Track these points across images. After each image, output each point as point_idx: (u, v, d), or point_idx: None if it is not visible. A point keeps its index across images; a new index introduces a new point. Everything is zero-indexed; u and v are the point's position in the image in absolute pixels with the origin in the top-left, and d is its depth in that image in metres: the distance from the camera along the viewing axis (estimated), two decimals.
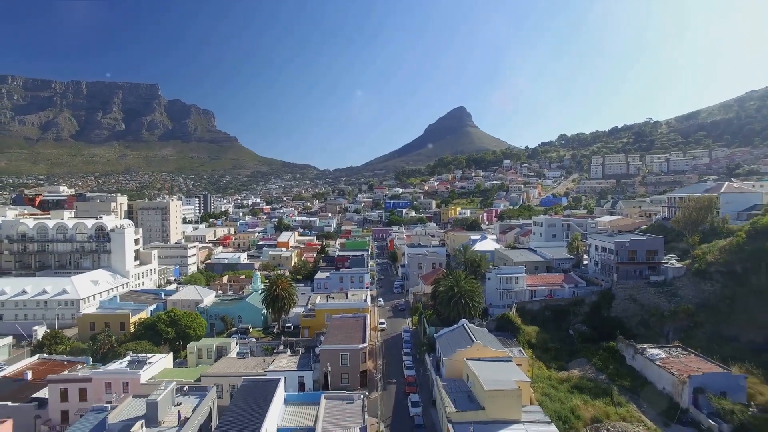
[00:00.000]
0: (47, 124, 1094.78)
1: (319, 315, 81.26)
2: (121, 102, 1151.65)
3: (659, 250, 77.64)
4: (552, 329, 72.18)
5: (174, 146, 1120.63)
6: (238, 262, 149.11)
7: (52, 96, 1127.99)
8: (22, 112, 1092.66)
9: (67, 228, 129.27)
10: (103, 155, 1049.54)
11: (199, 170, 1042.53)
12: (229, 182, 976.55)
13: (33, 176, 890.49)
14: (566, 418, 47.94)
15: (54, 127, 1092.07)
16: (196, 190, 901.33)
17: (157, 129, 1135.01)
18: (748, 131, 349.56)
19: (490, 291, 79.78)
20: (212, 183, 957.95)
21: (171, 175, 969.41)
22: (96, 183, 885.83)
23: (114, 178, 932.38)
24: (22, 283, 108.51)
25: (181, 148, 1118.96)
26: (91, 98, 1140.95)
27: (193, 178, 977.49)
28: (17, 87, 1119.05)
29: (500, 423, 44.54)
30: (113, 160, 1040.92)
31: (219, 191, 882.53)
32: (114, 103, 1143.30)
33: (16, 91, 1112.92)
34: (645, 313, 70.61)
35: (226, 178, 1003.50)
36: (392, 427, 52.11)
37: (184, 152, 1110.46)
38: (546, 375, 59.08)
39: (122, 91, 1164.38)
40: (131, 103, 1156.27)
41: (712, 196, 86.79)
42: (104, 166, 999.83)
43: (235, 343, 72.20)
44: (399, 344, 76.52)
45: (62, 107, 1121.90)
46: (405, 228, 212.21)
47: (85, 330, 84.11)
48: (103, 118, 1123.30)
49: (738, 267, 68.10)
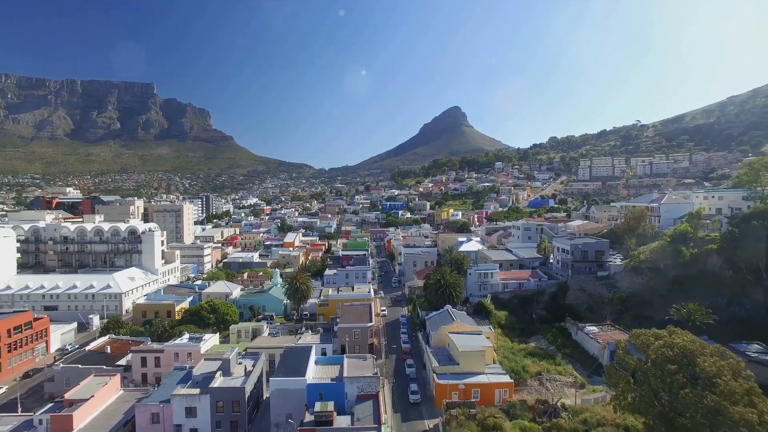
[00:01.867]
0: (42, 122, 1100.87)
1: (331, 304, 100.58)
2: (116, 101, 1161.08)
3: (605, 251, 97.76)
4: (519, 313, 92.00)
5: (170, 145, 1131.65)
6: (252, 261, 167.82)
7: (47, 94, 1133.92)
8: (16, 110, 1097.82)
9: (103, 231, 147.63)
10: (99, 154, 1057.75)
11: (196, 169, 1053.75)
12: (226, 181, 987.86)
13: (29, 175, 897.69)
14: (518, 371, 67.70)
15: (49, 125, 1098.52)
16: (192, 189, 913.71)
17: (152, 128, 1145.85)
18: (726, 136, 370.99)
19: (470, 283, 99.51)
20: (209, 182, 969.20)
21: (167, 175, 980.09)
22: (93, 182, 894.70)
23: (110, 177, 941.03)
24: (72, 279, 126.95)
25: (177, 147, 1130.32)
26: (86, 97, 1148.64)
27: (189, 177, 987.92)
28: (11, 85, 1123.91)
29: (469, 374, 64.26)
30: (109, 159, 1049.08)
31: (216, 190, 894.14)
32: (109, 102, 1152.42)
33: (9, 90, 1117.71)
34: (591, 301, 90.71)
35: (222, 177, 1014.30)
36: (394, 381, 71.61)
37: (180, 151, 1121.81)
38: (509, 346, 78.83)
39: (117, 89, 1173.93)
40: (127, 102, 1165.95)
41: (644, 207, 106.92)
42: (100, 165, 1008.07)
43: (266, 326, 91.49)
44: (397, 327, 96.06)
45: (57, 106, 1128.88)
46: (401, 229, 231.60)
47: (138, 317, 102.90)
48: (98, 117, 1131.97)
49: (661, 264, 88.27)
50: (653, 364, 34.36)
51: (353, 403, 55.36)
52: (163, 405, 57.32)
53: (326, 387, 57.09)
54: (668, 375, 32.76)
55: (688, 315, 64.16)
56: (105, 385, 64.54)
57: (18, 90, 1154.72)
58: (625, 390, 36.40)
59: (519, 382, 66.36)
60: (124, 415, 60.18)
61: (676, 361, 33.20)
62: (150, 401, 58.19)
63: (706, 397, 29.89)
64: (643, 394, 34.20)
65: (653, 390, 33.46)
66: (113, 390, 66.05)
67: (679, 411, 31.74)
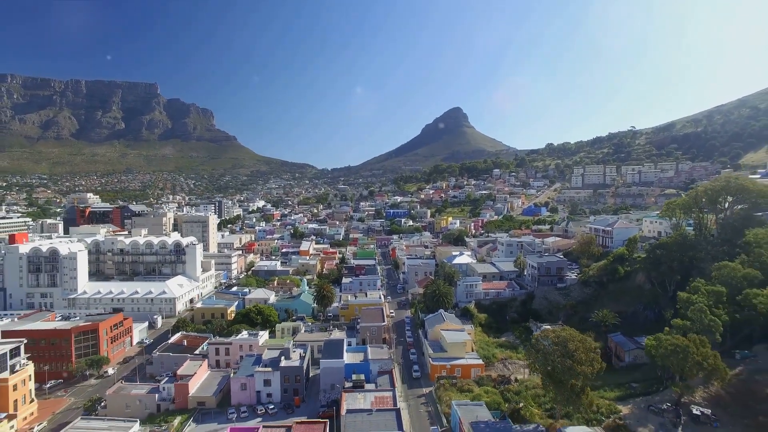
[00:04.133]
0: (47, 122, 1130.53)
1: (351, 308, 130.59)
2: (120, 101, 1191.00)
3: (564, 267, 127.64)
4: (496, 316, 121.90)
5: (174, 145, 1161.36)
6: (276, 269, 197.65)
7: (52, 95, 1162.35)
8: (22, 111, 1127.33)
9: (153, 244, 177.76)
10: (104, 154, 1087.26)
11: (199, 169, 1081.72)
12: (230, 182, 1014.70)
13: (36, 175, 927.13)
14: (488, 357, 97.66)
15: (54, 125, 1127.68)
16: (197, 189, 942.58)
17: (156, 128, 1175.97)
18: (709, 146, 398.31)
19: (459, 292, 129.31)
20: (213, 182, 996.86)
21: (172, 175, 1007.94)
22: (99, 182, 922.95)
23: (116, 178, 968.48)
24: (134, 286, 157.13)
25: (181, 147, 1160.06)
26: (90, 97, 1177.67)
27: (193, 177, 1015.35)
28: (17, 86, 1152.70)
29: (454, 358, 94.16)
30: (114, 159, 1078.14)
31: (220, 191, 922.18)
32: (113, 102, 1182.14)
33: (15, 90, 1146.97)
34: (551, 306, 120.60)
35: (226, 178, 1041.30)
36: (402, 363, 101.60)
37: (183, 151, 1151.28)
38: (485, 340, 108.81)
39: (121, 90, 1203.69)
40: (130, 102, 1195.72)
41: (592, 235, 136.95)
42: (105, 166, 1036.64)
43: (303, 325, 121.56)
44: (403, 325, 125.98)
45: (62, 106, 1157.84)
46: (404, 237, 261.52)
47: (198, 318, 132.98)
48: (102, 117, 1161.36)
49: (604, 278, 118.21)
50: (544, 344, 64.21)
51: (376, 377, 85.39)
52: (248, 378, 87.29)
53: (357, 366, 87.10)
54: (552, 351, 62.30)
55: (602, 318, 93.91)
56: (200, 366, 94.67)
57: (23, 90, 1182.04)
58: (534, 360, 66.19)
59: (488, 364, 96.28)
60: (218, 386, 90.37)
61: (558, 343, 62.66)
62: (239, 375, 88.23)
63: (566, 361, 59.28)
64: (541, 361, 63.87)
65: (545, 358, 63.13)
66: (205, 370, 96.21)
67: (557, 370, 61.30)
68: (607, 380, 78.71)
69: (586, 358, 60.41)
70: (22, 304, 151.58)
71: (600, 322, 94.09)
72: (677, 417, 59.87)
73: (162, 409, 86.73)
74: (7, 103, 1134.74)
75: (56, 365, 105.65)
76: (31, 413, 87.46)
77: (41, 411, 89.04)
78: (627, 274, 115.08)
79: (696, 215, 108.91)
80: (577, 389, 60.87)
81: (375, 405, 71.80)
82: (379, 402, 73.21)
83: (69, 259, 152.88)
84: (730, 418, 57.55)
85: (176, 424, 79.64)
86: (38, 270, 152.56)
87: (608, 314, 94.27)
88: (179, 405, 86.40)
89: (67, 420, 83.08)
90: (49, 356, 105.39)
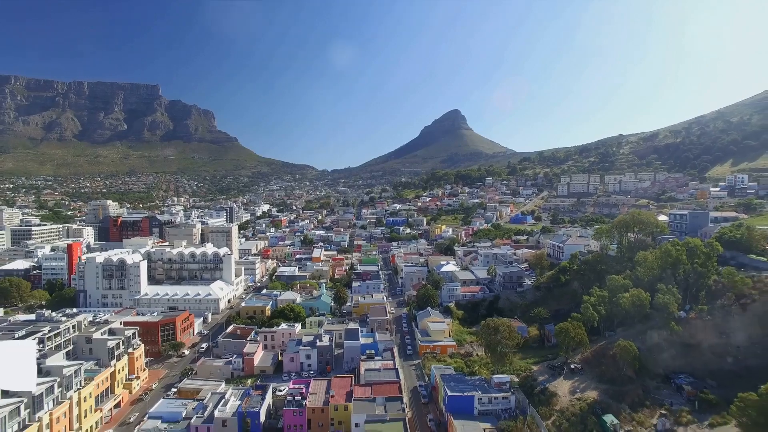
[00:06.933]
0: (50, 124, 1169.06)
1: (361, 306, 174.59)
2: (122, 102, 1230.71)
3: (523, 275, 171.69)
4: (470, 312, 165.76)
5: (175, 146, 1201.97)
6: (295, 274, 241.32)
7: (55, 96, 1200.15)
8: (25, 112, 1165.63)
9: (196, 254, 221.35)
10: (107, 155, 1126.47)
11: (201, 170, 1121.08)
12: (232, 183, 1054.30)
13: (41, 177, 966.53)
14: (461, 341, 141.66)
15: (57, 127, 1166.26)
16: (200, 191, 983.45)
17: (158, 129, 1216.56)
18: (684, 158, 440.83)
19: (444, 294, 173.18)
20: (215, 184, 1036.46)
21: (174, 176, 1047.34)
22: (103, 184, 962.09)
23: (120, 179, 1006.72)
24: (184, 289, 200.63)
25: (183, 148, 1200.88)
26: (92, 98, 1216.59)
27: (195, 178, 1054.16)
28: (20, 87, 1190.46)
29: (436, 341, 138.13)
30: (117, 161, 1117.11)
31: (222, 192, 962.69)
32: (115, 104, 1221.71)
33: (19, 92, 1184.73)
34: (512, 306, 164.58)
35: (228, 179, 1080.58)
36: (400, 345, 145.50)
37: (185, 152, 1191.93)
38: (461, 330, 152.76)
39: (123, 91, 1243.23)
40: (132, 103, 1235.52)
41: (544, 251, 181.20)
42: (109, 167, 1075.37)
43: (325, 319, 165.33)
44: (401, 319, 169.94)
45: (65, 107, 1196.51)
46: (402, 245, 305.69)
47: (243, 314, 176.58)
48: (105, 119, 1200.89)
49: (551, 284, 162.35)
50: (486, 328, 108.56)
51: (382, 352, 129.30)
52: (295, 354, 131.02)
53: (369, 345, 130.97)
54: (488, 332, 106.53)
55: (538, 314, 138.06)
56: (258, 346, 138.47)
57: (27, 92, 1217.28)
58: (480, 336, 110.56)
59: (460, 345, 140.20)
60: (272, 359, 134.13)
61: (493, 327, 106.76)
62: (289, 352, 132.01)
63: (496, 337, 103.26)
64: (484, 337, 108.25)
65: (486, 336, 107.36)
66: (261, 349, 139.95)
67: (491, 342, 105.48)
68: (537, 353, 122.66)
69: (509, 336, 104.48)
70: (98, 303, 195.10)
71: (537, 316, 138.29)
72: (562, 370, 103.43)
73: (234, 376, 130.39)
74: (11, 104, 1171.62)
75: (149, 348, 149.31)
76: (145, 378, 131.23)
77: (150, 377, 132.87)
78: (566, 281, 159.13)
79: (618, 238, 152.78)
80: (504, 354, 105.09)
81: (382, 367, 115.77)
82: (384, 366, 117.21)
83: (134, 267, 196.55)
84: (590, 369, 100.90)
85: (248, 383, 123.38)
86: (110, 276, 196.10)
87: (542, 311, 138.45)
88: (247, 372, 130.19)
89: (171, 382, 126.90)
90: (144, 341, 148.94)
